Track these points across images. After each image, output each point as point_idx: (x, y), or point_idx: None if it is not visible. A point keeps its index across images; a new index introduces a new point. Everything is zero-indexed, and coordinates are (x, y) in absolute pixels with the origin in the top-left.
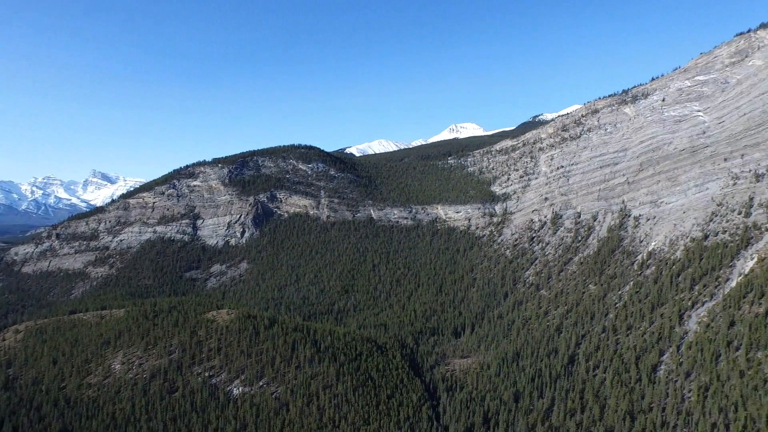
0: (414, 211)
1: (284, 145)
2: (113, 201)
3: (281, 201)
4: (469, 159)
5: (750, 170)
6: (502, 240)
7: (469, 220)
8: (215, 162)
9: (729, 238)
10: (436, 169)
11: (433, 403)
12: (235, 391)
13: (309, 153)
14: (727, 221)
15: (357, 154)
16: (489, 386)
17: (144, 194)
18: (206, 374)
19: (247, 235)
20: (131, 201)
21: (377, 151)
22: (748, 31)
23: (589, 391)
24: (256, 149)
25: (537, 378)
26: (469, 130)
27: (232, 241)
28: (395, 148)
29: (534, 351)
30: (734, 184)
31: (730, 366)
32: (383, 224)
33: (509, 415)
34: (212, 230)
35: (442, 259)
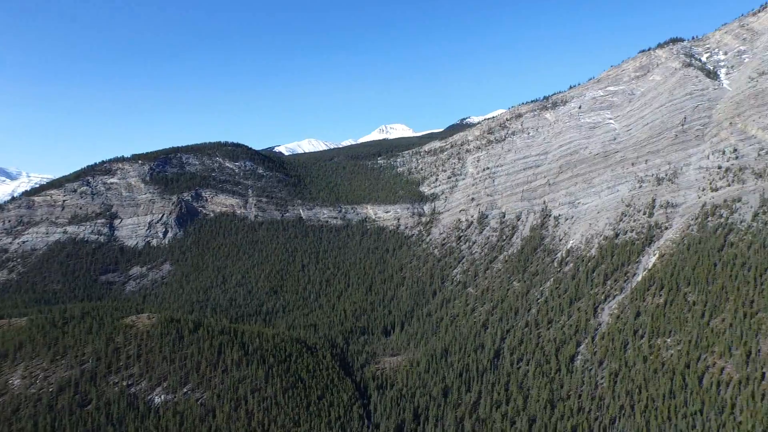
0: (344, 210)
1: (210, 142)
2: (14, 198)
3: (207, 200)
4: (398, 159)
5: (653, 174)
6: (430, 239)
7: (399, 219)
8: (135, 158)
9: (636, 237)
10: (366, 169)
11: (363, 402)
12: (157, 400)
13: (236, 151)
14: (634, 221)
15: (286, 153)
16: (418, 383)
17: (52, 191)
18: (124, 383)
19: (170, 235)
20: (37, 199)
21: (307, 151)
22: (649, 49)
23: (513, 383)
24: (180, 146)
25: (465, 373)
26: (399, 130)
27: (154, 242)
28: (325, 148)
29: (462, 347)
30: (640, 187)
31: (636, 353)
32: (312, 224)
33: (438, 410)
34: (132, 230)
35: (371, 259)
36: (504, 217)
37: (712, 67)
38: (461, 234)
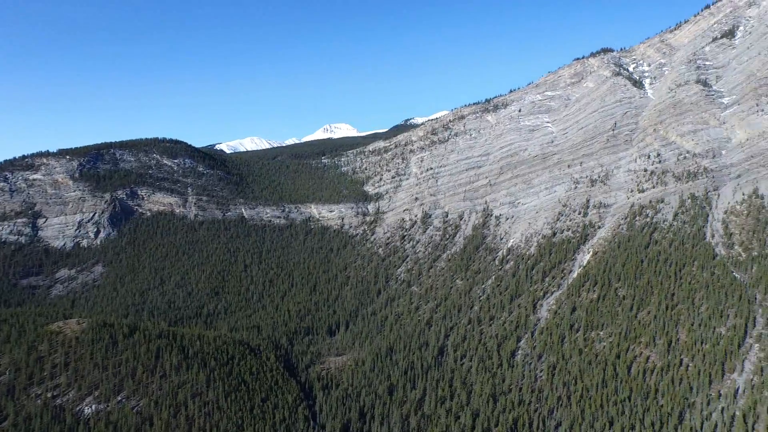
0: (287, 210)
1: (147, 138)
2: None
3: (143, 198)
4: (342, 159)
5: (587, 176)
6: (374, 239)
7: (343, 219)
8: (62, 153)
9: (572, 235)
10: (310, 168)
11: (309, 403)
12: (87, 411)
13: (175, 147)
14: (570, 220)
15: (228, 151)
16: (364, 382)
17: None
18: (48, 395)
19: (102, 235)
20: None
21: (249, 149)
22: (583, 57)
23: (457, 379)
24: (113, 141)
25: (410, 370)
26: (343, 130)
27: (84, 243)
28: (268, 146)
29: (406, 345)
30: (575, 187)
31: (572, 346)
32: (255, 223)
33: (384, 408)
34: (58, 230)
35: (315, 258)
36: (447, 216)
37: (638, 77)
38: (405, 233)
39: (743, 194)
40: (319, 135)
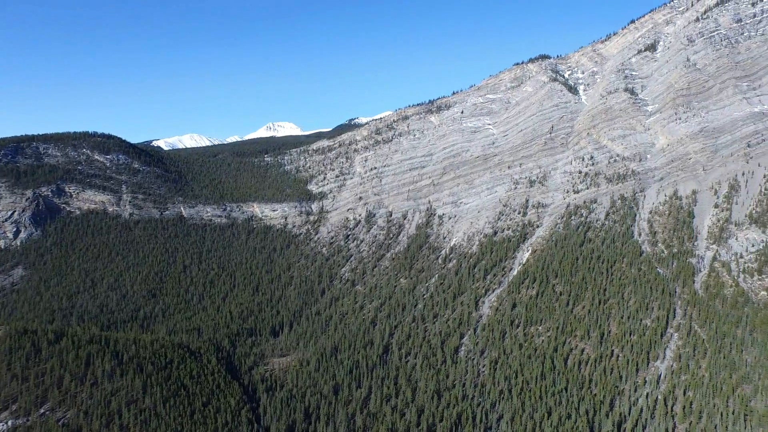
0: (229, 209)
1: (75, 132)
2: None
3: (71, 196)
4: (286, 157)
5: (526, 177)
6: (318, 238)
7: (286, 218)
8: None
9: (512, 234)
10: (252, 166)
11: (252, 406)
12: (2, 427)
13: (107, 143)
14: (510, 219)
15: (165, 148)
16: (309, 382)
17: None
18: None
19: (23, 235)
20: None
21: (188, 146)
22: (522, 62)
23: (402, 376)
24: (35, 134)
25: (355, 369)
26: (287, 129)
27: (1, 244)
28: (209, 144)
29: (351, 344)
30: (515, 188)
31: (513, 341)
32: (195, 222)
33: (330, 407)
34: None
35: (258, 258)
36: (391, 216)
37: (573, 83)
38: (349, 233)
39: (665, 195)
40: (262, 133)
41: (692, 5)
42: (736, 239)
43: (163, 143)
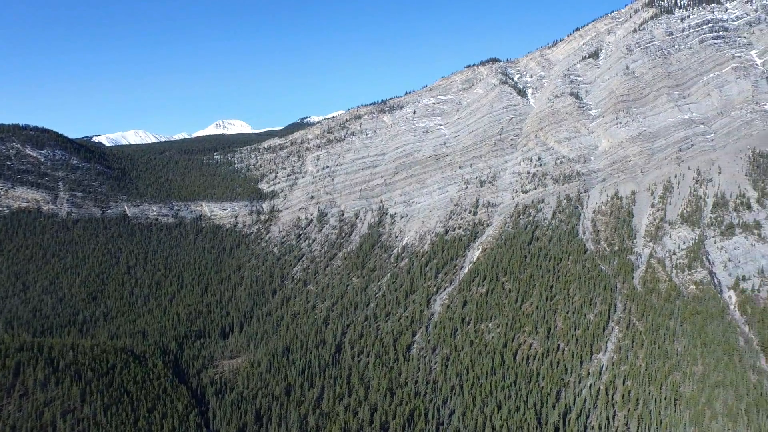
0: (176, 207)
1: (3, 125)
2: None
3: None
4: (236, 156)
5: (476, 177)
6: (269, 237)
7: (236, 217)
8: None
9: (463, 233)
10: (201, 164)
11: (201, 410)
12: None
13: (42, 137)
14: (461, 219)
15: (108, 144)
16: (260, 384)
17: None
18: None
19: None
20: None
21: (133, 142)
22: (473, 65)
23: (355, 375)
24: None
25: (307, 369)
26: (237, 127)
27: None
28: (154, 140)
29: (303, 344)
30: (466, 188)
31: (464, 338)
32: (140, 222)
33: (282, 409)
34: None
35: (207, 258)
36: (343, 215)
37: (521, 87)
38: (301, 232)
39: (607, 196)
40: (211, 131)
41: (630, 17)
42: (670, 237)
43: (105, 139)
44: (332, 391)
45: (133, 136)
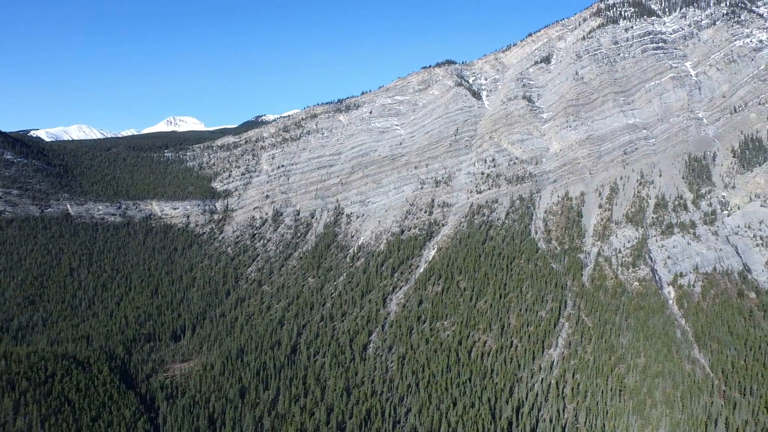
0: (124, 206)
1: None
2: None
3: None
4: (188, 153)
5: (432, 177)
6: (223, 237)
7: (188, 217)
8: None
9: (418, 232)
10: (151, 161)
11: (151, 416)
12: None
13: None
14: (417, 218)
15: (47, 139)
16: (213, 387)
17: None
18: None
19: None
20: None
21: (76, 138)
22: (430, 66)
23: (311, 375)
24: None
25: (262, 371)
26: (189, 124)
27: None
28: (100, 136)
29: (258, 345)
30: (422, 188)
31: (420, 336)
32: (84, 221)
33: (235, 412)
34: None
35: (157, 259)
36: (299, 214)
37: (476, 89)
38: (256, 231)
39: (558, 196)
40: (161, 127)
41: (579, 25)
42: (616, 236)
43: (45, 134)
44: (288, 393)
45: (77, 132)
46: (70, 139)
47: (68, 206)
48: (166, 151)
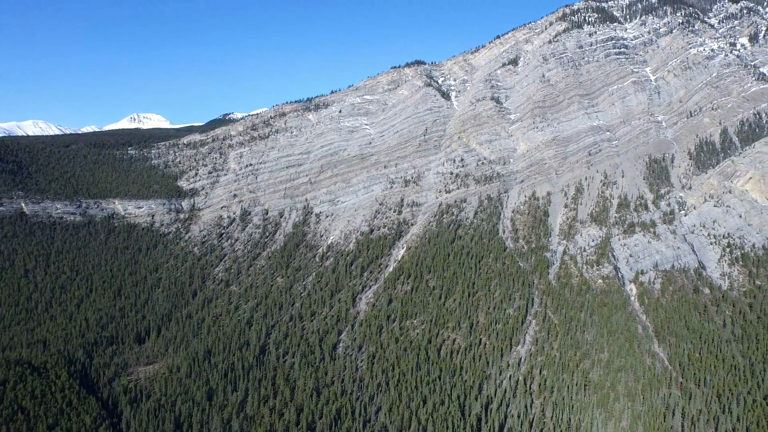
0: (84, 205)
1: None
2: None
3: None
4: (153, 151)
5: (401, 177)
6: (189, 237)
7: (153, 216)
8: None
9: (388, 232)
10: (114, 159)
11: (113, 421)
12: None
13: None
14: (386, 218)
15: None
16: (180, 389)
17: None
18: None
19: None
20: None
21: (31, 134)
22: (399, 66)
23: (280, 376)
24: None
25: (230, 372)
26: (154, 121)
27: None
28: (58, 132)
29: (226, 346)
30: (391, 187)
31: (389, 335)
32: (41, 220)
33: (203, 414)
34: None
35: (120, 260)
36: (267, 214)
37: (445, 90)
38: (223, 231)
39: (525, 196)
40: (125, 124)
41: (546, 29)
42: (581, 235)
43: None
44: (257, 394)
45: (32, 127)
46: (25, 134)
47: (23, 205)
48: (129, 148)
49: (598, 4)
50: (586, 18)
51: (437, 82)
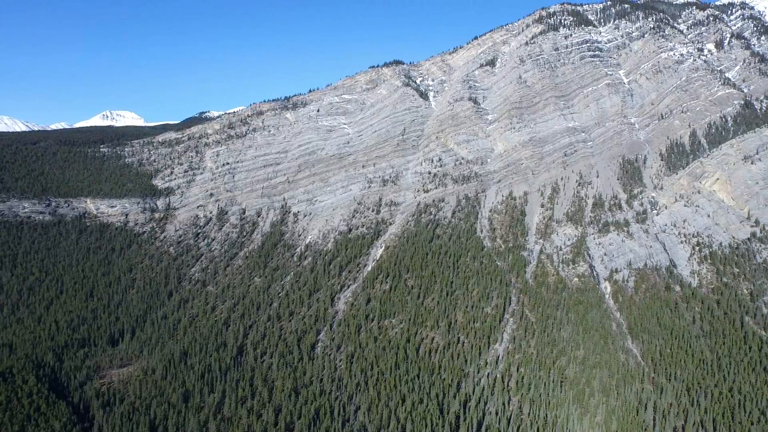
0: (54, 204)
1: None
2: None
3: None
4: (126, 149)
5: (379, 176)
6: (165, 237)
7: (127, 215)
8: None
9: (366, 231)
10: (85, 157)
11: (85, 426)
12: None
13: None
14: (365, 217)
15: None
16: (155, 392)
17: None
18: None
19: None
20: None
21: None
22: (377, 66)
23: (258, 377)
24: None
25: (207, 374)
26: (127, 119)
27: None
28: (25, 129)
29: (202, 347)
30: (369, 187)
31: (368, 334)
32: (7, 219)
33: (179, 417)
34: None
35: (93, 260)
36: (244, 213)
37: (424, 90)
38: (200, 231)
39: (502, 196)
40: (96, 122)
41: (523, 30)
42: (557, 234)
43: None
44: (234, 395)
45: None
46: None
47: None
48: (101, 146)
49: (573, 7)
50: (562, 21)
51: (415, 82)
